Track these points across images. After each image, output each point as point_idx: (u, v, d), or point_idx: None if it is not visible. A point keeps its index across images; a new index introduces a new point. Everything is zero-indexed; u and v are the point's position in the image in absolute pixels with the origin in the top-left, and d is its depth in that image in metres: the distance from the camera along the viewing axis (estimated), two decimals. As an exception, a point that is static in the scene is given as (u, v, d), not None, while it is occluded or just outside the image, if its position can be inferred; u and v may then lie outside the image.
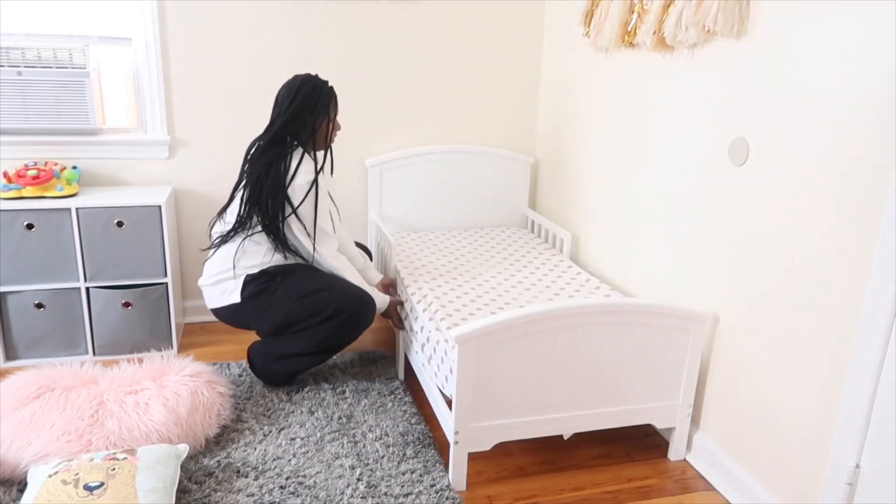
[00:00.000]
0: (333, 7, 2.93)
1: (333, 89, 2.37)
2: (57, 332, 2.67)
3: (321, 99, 2.31)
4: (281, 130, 2.29)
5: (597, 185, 2.76)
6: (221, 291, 2.35)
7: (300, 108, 2.29)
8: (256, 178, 2.26)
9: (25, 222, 2.52)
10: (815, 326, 1.70)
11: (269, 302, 2.30)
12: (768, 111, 1.82)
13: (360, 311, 2.31)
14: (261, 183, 2.25)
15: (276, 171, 2.25)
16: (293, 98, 2.28)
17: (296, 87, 2.30)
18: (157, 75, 2.80)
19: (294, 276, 2.31)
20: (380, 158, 3.12)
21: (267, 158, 2.26)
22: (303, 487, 1.94)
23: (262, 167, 2.26)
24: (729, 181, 1.98)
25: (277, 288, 2.29)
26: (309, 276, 2.32)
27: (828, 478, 1.67)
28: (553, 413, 2.01)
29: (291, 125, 2.29)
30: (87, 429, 1.95)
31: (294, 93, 2.29)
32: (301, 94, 2.29)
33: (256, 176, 2.26)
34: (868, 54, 1.52)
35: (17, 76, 2.60)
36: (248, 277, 2.31)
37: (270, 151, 2.28)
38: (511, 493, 2.00)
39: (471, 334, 1.84)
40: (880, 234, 1.50)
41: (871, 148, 1.52)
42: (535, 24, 3.20)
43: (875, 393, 1.54)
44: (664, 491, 2.03)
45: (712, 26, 1.90)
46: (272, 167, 2.25)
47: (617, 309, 1.96)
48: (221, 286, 2.35)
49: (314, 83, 2.32)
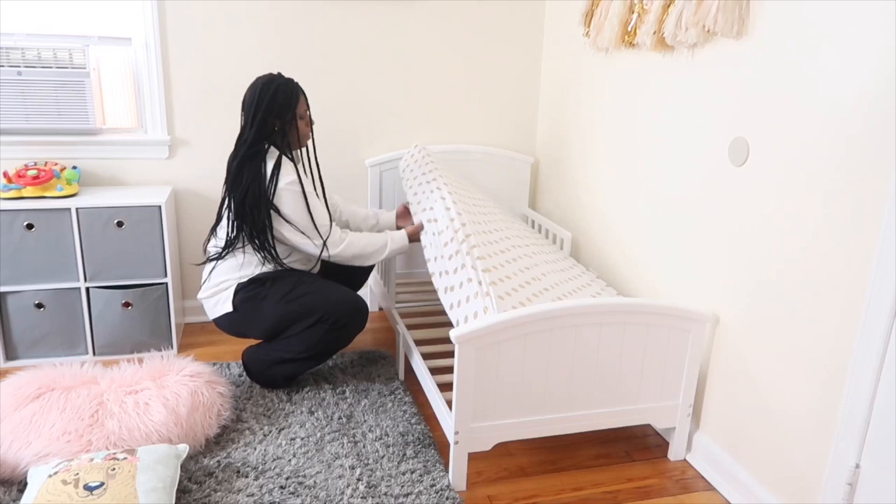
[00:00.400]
0: (333, 7, 2.93)
1: (298, 86, 2.33)
2: (57, 332, 2.67)
3: (285, 98, 2.28)
4: (252, 137, 2.27)
5: (597, 185, 2.76)
6: (216, 302, 2.37)
7: (266, 112, 2.26)
8: (239, 193, 2.25)
9: (25, 222, 2.52)
10: (815, 326, 1.70)
11: (259, 307, 2.30)
12: (768, 111, 1.82)
13: (349, 315, 2.30)
14: (243, 197, 2.24)
15: (255, 182, 2.23)
16: (258, 102, 2.26)
17: (258, 90, 2.27)
18: (157, 75, 2.80)
19: (283, 282, 2.31)
20: (380, 158, 3.12)
21: (245, 171, 2.25)
22: (303, 487, 1.94)
23: (242, 181, 2.24)
24: (729, 181, 1.98)
25: (267, 294, 2.29)
26: (297, 281, 2.32)
27: (828, 478, 1.67)
28: (553, 413, 2.01)
29: (261, 130, 2.27)
30: (87, 429, 1.95)
31: (257, 97, 2.26)
32: (265, 97, 2.26)
33: (238, 190, 2.25)
34: (868, 54, 1.52)
35: (17, 76, 2.60)
36: (239, 286, 2.32)
37: (247, 164, 2.26)
38: (511, 493, 2.00)
39: (471, 334, 1.83)
40: (880, 235, 1.50)
41: (871, 148, 1.52)
42: (535, 24, 3.20)
43: (875, 393, 1.54)
44: (664, 491, 2.04)
45: (712, 26, 1.90)
46: (252, 180, 2.23)
47: (617, 309, 1.96)
48: (216, 297, 2.37)
49: (276, 83, 2.28)
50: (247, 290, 2.31)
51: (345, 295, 2.32)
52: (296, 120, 2.32)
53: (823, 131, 1.65)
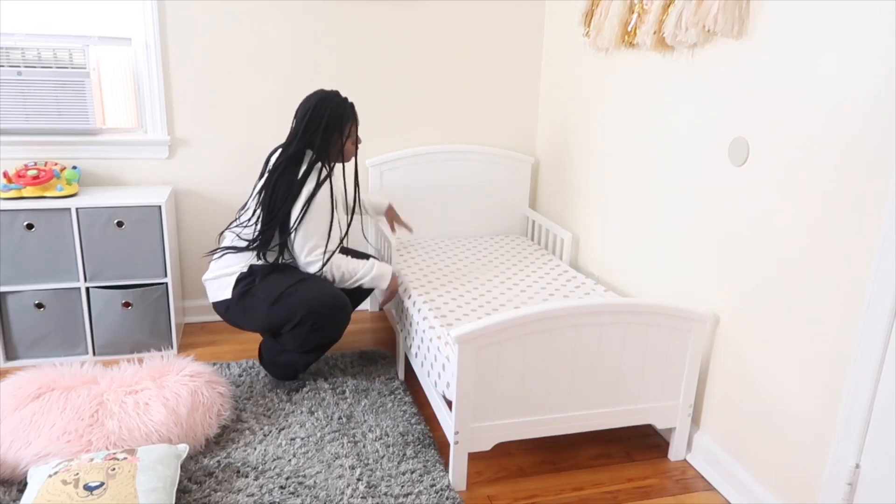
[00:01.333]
0: (333, 7, 2.93)
1: (351, 108, 2.39)
2: (57, 332, 2.67)
3: (335, 118, 2.34)
4: (296, 145, 2.33)
5: (597, 184, 2.76)
6: (218, 286, 2.38)
7: (312, 122, 2.33)
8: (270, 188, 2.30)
9: (25, 222, 2.52)
10: (815, 326, 1.70)
11: (250, 305, 2.32)
12: (768, 111, 1.82)
13: (325, 317, 2.29)
14: (274, 199, 2.29)
15: (284, 179, 2.30)
16: (310, 116, 2.34)
17: (312, 103, 2.35)
18: (157, 75, 2.80)
19: (269, 280, 2.32)
20: (380, 158, 3.12)
21: (282, 169, 2.31)
22: (303, 487, 1.94)
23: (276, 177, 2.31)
24: (729, 181, 1.98)
25: (256, 291, 2.31)
26: (281, 280, 2.32)
27: (828, 478, 1.67)
28: (553, 413, 2.01)
29: (304, 138, 2.34)
30: (87, 429, 1.95)
31: (311, 110, 2.34)
32: (317, 112, 2.33)
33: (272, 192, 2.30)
34: (868, 54, 1.52)
35: (17, 76, 2.60)
36: (241, 275, 2.34)
37: (287, 164, 2.32)
38: (511, 493, 2.00)
39: (471, 334, 1.83)
40: (880, 234, 1.50)
41: (871, 148, 1.52)
42: (535, 24, 3.20)
43: (875, 393, 1.54)
44: (664, 491, 2.03)
45: (712, 26, 1.90)
46: (281, 175, 2.30)
47: (617, 309, 1.96)
48: (218, 282, 2.38)
49: (332, 102, 2.35)
50: (244, 282, 2.33)
51: (322, 296, 2.29)
52: (341, 139, 2.37)
53: (823, 131, 1.65)
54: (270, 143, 3.01)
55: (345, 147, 2.39)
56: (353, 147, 2.45)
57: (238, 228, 2.39)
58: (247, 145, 3.00)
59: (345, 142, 2.39)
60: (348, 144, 2.41)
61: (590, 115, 2.80)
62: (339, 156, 2.40)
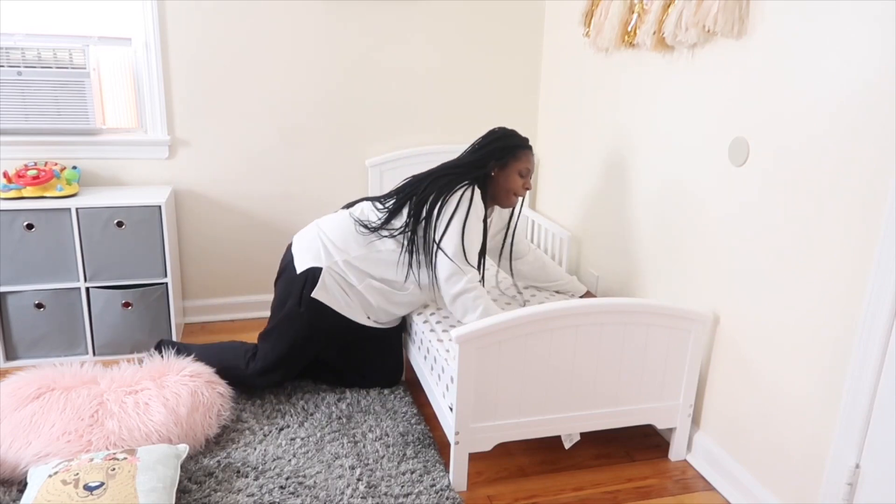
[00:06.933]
0: (333, 7, 2.93)
1: (516, 147, 2.35)
2: (57, 332, 2.67)
3: (507, 147, 2.34)
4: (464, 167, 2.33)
5: (597, 184, 2.76)
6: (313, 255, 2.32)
7: (481, 150, 2.35)
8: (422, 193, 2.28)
9: (25, 222, 2.52)
10: (815, 326, 1.70)
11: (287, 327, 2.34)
12: (768, 111, 1.82)
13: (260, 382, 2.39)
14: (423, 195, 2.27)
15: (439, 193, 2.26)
16: (487, 142, 2.37)
17: (496, 133, 2.39)
18: (157, 75, 2.80)
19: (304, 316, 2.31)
20: (380, 158, 3.12)
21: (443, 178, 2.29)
22: (303, 487, 1.94)
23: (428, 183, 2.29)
24: (729, 181, 1.98)
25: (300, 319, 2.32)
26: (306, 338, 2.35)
27: (828, 478, 1.67)
28: (553, 413, 2.01)
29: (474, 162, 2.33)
30: (87, 429, 1.95)
31: (489, 138, 2.38)
32: (494, 139, 2.36)
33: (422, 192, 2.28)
34: (868, 54, 1.52)
35: (17, 76, 2.60)
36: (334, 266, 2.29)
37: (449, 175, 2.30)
38: (511, 493, 2.00)
39: (471, 334, 1.84)
40: (880, 234, 1.50)
41: (871, 147, 1.52)
42: (535, 24, 3.20)
43: (875, 393, 1.54)
44: (664, 491, 2.04)
45: (712, 26, 1.90)
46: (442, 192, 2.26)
47: (617, 309, 1.96)
48: (315, 251, 2.32)
49: (512, 137, 2.38)
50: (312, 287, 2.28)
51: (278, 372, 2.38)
52: (509, 168, 2.34)
53: (823, 131, 1.65)
54: (270, 142, 3.01)
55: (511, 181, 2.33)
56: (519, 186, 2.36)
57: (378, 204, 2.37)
58: (247, 145, 3.00)
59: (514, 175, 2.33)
60: (515, 178, 2.34)
61: (590, 115, 2.80)
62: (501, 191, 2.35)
